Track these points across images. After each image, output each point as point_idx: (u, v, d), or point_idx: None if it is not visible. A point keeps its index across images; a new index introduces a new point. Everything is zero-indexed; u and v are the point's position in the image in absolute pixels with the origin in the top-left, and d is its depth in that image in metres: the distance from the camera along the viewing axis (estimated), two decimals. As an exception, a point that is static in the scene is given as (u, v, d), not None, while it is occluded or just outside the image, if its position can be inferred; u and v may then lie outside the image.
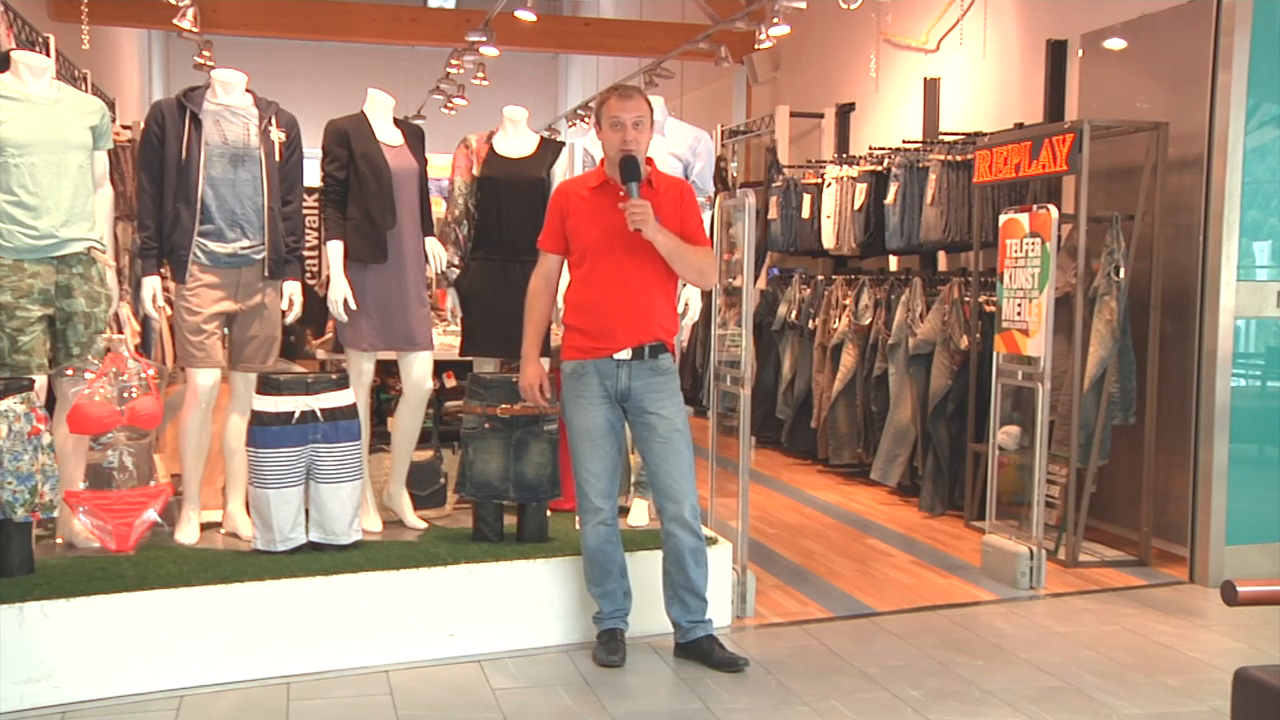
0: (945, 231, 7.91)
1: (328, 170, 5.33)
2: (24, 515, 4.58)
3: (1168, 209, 6.46)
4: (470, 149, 5.71)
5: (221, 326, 5.19)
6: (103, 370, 4.99)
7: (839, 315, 8.73)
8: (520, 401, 5.18)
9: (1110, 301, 6.38)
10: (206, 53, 13.28)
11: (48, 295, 4.91)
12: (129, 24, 15.20)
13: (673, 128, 5.65)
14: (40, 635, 4.31)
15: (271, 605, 4.62)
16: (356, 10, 17.04)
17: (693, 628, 4.81)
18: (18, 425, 4.57)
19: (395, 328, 5.36)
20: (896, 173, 8.43)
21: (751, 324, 5.55)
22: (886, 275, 8.64)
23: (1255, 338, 6.22)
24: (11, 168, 4.81)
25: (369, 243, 5.28)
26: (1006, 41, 8.71)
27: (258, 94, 5.29)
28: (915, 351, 7.76)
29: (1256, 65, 6.03)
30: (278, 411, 4.91)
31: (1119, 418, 6.50)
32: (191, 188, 5.05)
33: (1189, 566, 6.25)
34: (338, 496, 4.98)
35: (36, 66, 5.02)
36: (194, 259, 5.09)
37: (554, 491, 5.32)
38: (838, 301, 8.83)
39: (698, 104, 14.25)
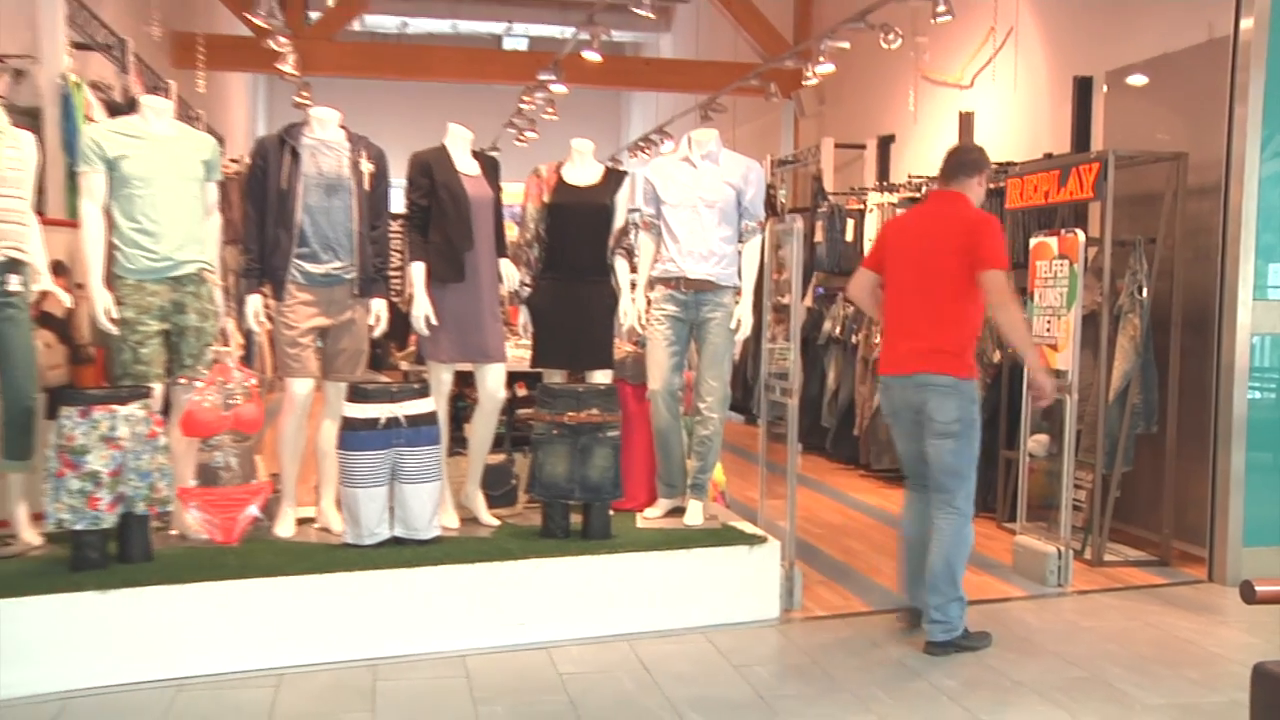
0: (979, 253, 7.89)
1: (412, 198, 5.37)
2: (144, 509, 4.67)
3: (1187, 233, 6.41)
4: (541, 178, 5.71)
5: (315, 340, 5.22)
6: (211, 379, 5.09)
7: (879, 331, 8.70)
8: (586, 409, 5.23)
9: (1134, 319, 6.33)
10: (305, 93, 13.44)
11: (165, 312, 5.00)
12: (238, 69, 15.47)
13: (727, 158, 5.62)
14: (157, 616, 4.39)
15: (359, 594, 4.67)
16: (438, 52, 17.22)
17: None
18: (139, 428, 4.65)
19: (472, 342, 5.38)
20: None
21: (799, 339, 5.55)
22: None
23: (1270, 353, 6.15)
24: (135, 198, 4.93)
25: (448, 264, 5.31)
26: (1036, 77, 8.67)
27: (350, 129, 5.34)
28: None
29: (1271, 99, 5.99)
30: (366, 418, 4.95)
31: (1141, 427, 6.44)
32: (290, 214, 5.10)
33: (1208, 566, 6.18)
34: (419, 495, 5.02)
35: (159, 109, 5.14)
36: (291, 279, 5.14)
37: (616, 492, 5.32)
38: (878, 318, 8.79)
39: (749, 136, 14.26)
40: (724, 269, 5.50)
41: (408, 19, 20.29)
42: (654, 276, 5.57)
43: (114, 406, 4.61)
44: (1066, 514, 6.04)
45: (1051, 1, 8.55)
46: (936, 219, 5.03)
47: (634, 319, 5.65)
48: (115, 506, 4.58)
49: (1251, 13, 5.98)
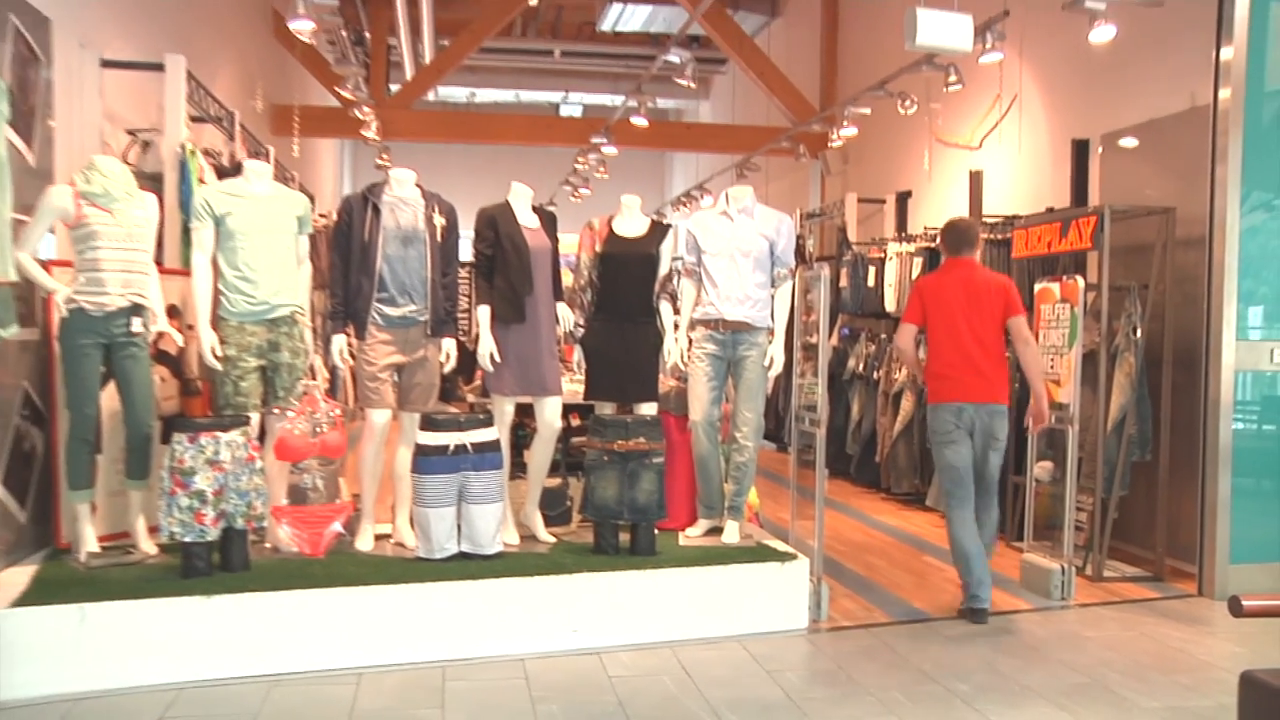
0: (989, 297, 7.86)
1: (478, 248, 5.39)
2: (242, 524, 4.73)
3: (1176, 280, 6.36)
4: (594, 230, 5.72)
5: (393, 375, 5.24)
6: (301, 410, 5.13)
7: (899, 368, 8.65)
8: (634, 438, 5.23)
9: (1129, 357, 6.28)
10: (385, 155, 13.61)
11: (261, 350, 5.07)
12: (328, 136, 15.68)
13: (761, 212, 5.63)
14: (254, 619, 4.43)
15: (430, 603, 4.68)
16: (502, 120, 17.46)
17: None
18: (238, 453, 4.72)
19: (531, 377, 5.37)
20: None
21: (826, 375, 5.53)
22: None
23: (1252, 388, 6.09)
24: (238, 250, 5.01)
25: (511, 307, 5.32)
26: (1038, 140, 8.62)
27: (424, 188, 5.37)
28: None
29: (1248, 160, 5.96)
30: (437, 445, 4.96)
31: (1137, 455, 6.37)
32: (371, 263, 5.14)
33: (1198, 582, 6.09)
34: (484, 515, 5.01)
35: (259, 172, 5.24)
36: (372, 320, 5.17)
37: (661, 513, 5.30)
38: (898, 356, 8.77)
39: (780, 192, 14.26)
40: (758, 312, 5.50)
41: (476, 90, 20.51)
42: (695, 318, 5.57)
43: (218, 433, 4.68)
44: (1069, 534, 5.98)
45: (1051, 72, 8.51)
46: (974, 282, 5.60)
47: (677, 357, 5.62)
48: (218, 522, 4.65)
49: (1229, 84, 5.98)
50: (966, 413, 5.47)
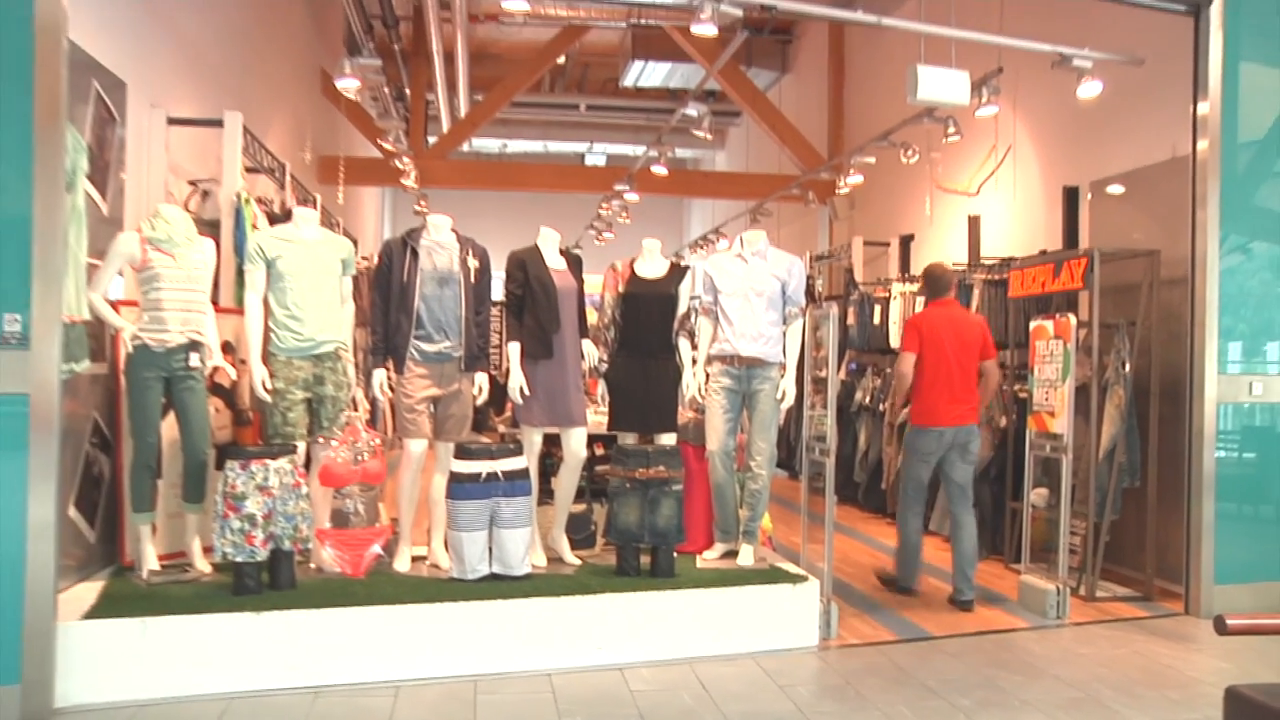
0: (988, 334, 7.84)
1: (509, 288, 5.41)
2: (289, 546, 4.75)
3: (1162, 317, 6.35)
4: (617, 271, 5.73)
5: (429, 407, 5.25)
6: (343, 439, 5.14)
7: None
8: (654, 467, 5.22)
9: (1119, 390, 6.26)
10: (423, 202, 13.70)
11: (308, 383, 5.09)
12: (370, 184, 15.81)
13: (773, 254, 5.65)
14: (300, 634, 4.45)
15: (463, 620, 4.68)
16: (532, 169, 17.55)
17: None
18: (286, 479, 4.75)
19: (558, 409, 5.37)
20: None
21: (835, 407, 5.51)
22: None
23: (1233, 419, 6.06)
24: (287, 290, 5.06)
25: (539, 343, 5.33)
26: (1031, 187, 8.63)
27: (459, 232, 5.41)
28: (965, 429, 7.67)
29: (1225, 206, 5.97)
30: (470, 472, 4.97)
31: (1127, 482, 6.33)
32: (410, 303, 5.16)
33: (1185, 601, 6.05)
34: (514, 538, 5.01)
35: (307, 218, 5.30)
36: (410, 356, 5.18)
37: (680, 537, 5.29)
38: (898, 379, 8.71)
39: (791, 236, 14.29)
40: (771, 348, 5.50)
41: (507, 141, 20.62)
42: (712, 354, 5.57)
43: (267, 461, 4.71)
44: (1064, 556, 5.94)
45: (1043, 124, 8.52)
46: (958, 321, 6.20)
47: (695, 390, 5.61)
48: (267, 543, 4.67)
49: (1206, 136, 6.00)
50: (947, 435, 6.05)
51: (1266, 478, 6.15)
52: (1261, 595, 5.94)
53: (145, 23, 6.09)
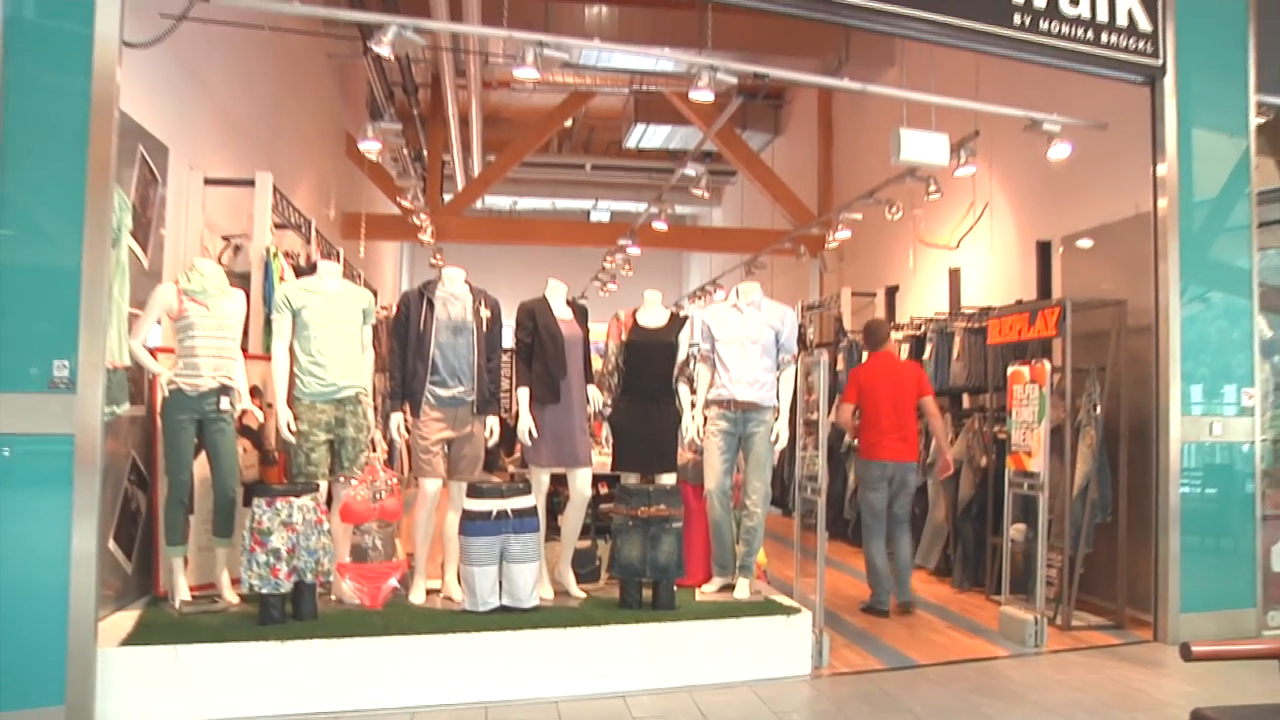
0: (968, 379, 7.85)
1: (519, 337, 5.44)
2: (311, 579, 4.77)
3: (1129, 362, 6.40)
4: (620, 321, 5.76)
5: (443, 448, 5.26)
6: (363, 478, 5.17)
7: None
8: (656, 505, 5.23)
9: (1090, 431, 6.29)
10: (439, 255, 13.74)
11: (330, 425, 5.13)
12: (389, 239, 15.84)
13: (767, 305, 5.70)
14: (321, 662, 4.46)
15: (475, 650, 4.68)
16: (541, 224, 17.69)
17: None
18: (309, 516, 4.78)
19: (565, 450, 5.38)
20: (931, 336, 8.41)
21: (825, 448, 5.54)
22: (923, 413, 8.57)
23: (1196, 457, 6.10)
24: (312, 338, 5.11)
25: (547, 389, 5.35)
26: (1007, 241, 8.71)
27: (472, 284, 5.45)
28: (947, 468, 7.72)
29: (1185, 259, 6.06)
30: (481, 510, 4.98)
31: (1099, 517, 6.34)
32: (426, 350, 5.19)
33: (1154, 629, 6.05)
34: (523, 572, 5.01)
35: (331, 270, 5.36)
36: (426, 400, 5.20)
37: (680, 571, 5.28)
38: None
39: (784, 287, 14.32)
40: (766, 393, 5.52)
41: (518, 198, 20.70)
42: (710, 399, 5.59)
43: (291, 498, 4.74)
44: (1041, 588, 5.95)
45: (1017, 183, 8.62)
46: (895, 368, 6.82)
47: (694, 433, 5.62)
48: (291, 576, 4.69)
49: (1165, 194, 6.11)
50: (889, 468, 6.56)
51: (1227, 512, 6.17)
52: (1224, 622, 5.96)
53: (187, 90, 6.23)
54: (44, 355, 4.06)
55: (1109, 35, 6.05)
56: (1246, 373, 6.20)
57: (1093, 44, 6.02)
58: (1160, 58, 6.14)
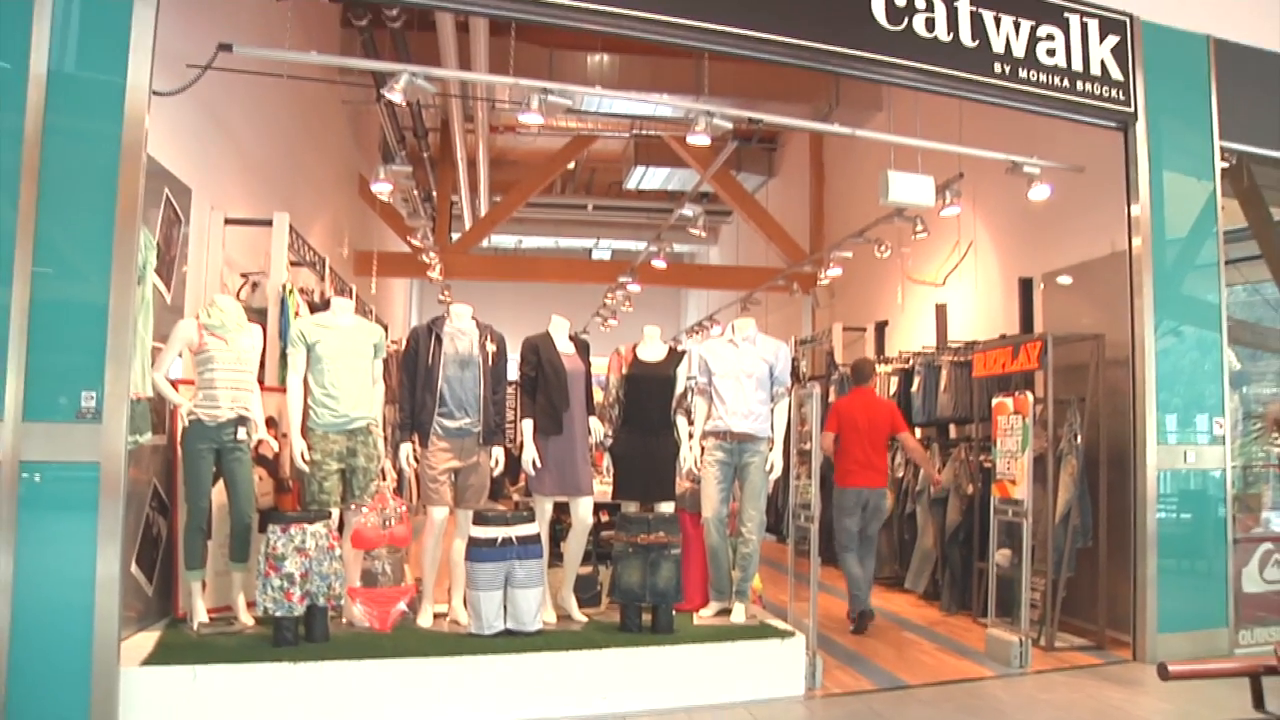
0: (955, 410, 7.88)
1: (523, 370, 5.47)
2: (323, 602, 4.78)
3: (1108, 393, 6.43)
4: (621, 355, 5.79)
5: (450, 477, 5.27)
6: (373, 506, 5.20)
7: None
8: (655, 532, 5.24)
9: (1072, 459, 6.32)
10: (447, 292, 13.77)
11: (341, 455, 5.15)
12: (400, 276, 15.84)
13: (761, 340, 5.73)
14: (332, 683, 4.47)
15: (481, 672, 4.67)
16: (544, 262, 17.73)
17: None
18: (321, 542, 4.80)
19: (568, 479, 5.39)
20: (919, 369, 8.44)
21: (818, 477, 5.54)
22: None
23: (1172, 484, 6.14)
24: (325, 371, 5.14)
25: (550, 420, 5.37)
26: (991, 278, 8.75)
27: (479, 320, 5.48)
28: (935, 496, 7.67)
29: (1158, 295, 6.12)
30: (487, 537, 4.99)
31: (1081, 542, 6.35)
32: (434, 383, 5.22)
33: (1133, 649, 6.06)
34: (527, 597, 5.01)
35: (344, 306, 5.41)
36: (434, 431, 5.22)
37: (678, 596, 5.28)
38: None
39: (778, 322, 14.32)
40: (760, 424, 5.54)
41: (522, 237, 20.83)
42: (707, 430, 5.60)
43: (304, 525, 4.77)
44: (1025, 611, 5.95)
45: (1000, 222, 8.68)
46: (871, 405, 7.05)
47: (691, 463, 5.63)
48: (304, 600, 4.70)
49: (1139, 233, 6.18)
50: (863, 495, 6.81)
51: (1201, 536, 6.19)
52: (1199, 642, 5.98)
53: (210, 135, 6.32)
54: (72, 387, 4.13)
55: (1084, 83, 6.16)
56: (1217, 403, 6.25)
57: (1069, 91, 6.13)
58: (1132, 105, 6.25)
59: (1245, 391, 6.86)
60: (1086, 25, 6.19)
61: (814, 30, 5.45)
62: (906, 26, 5.67)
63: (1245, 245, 6.91)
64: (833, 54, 5.54)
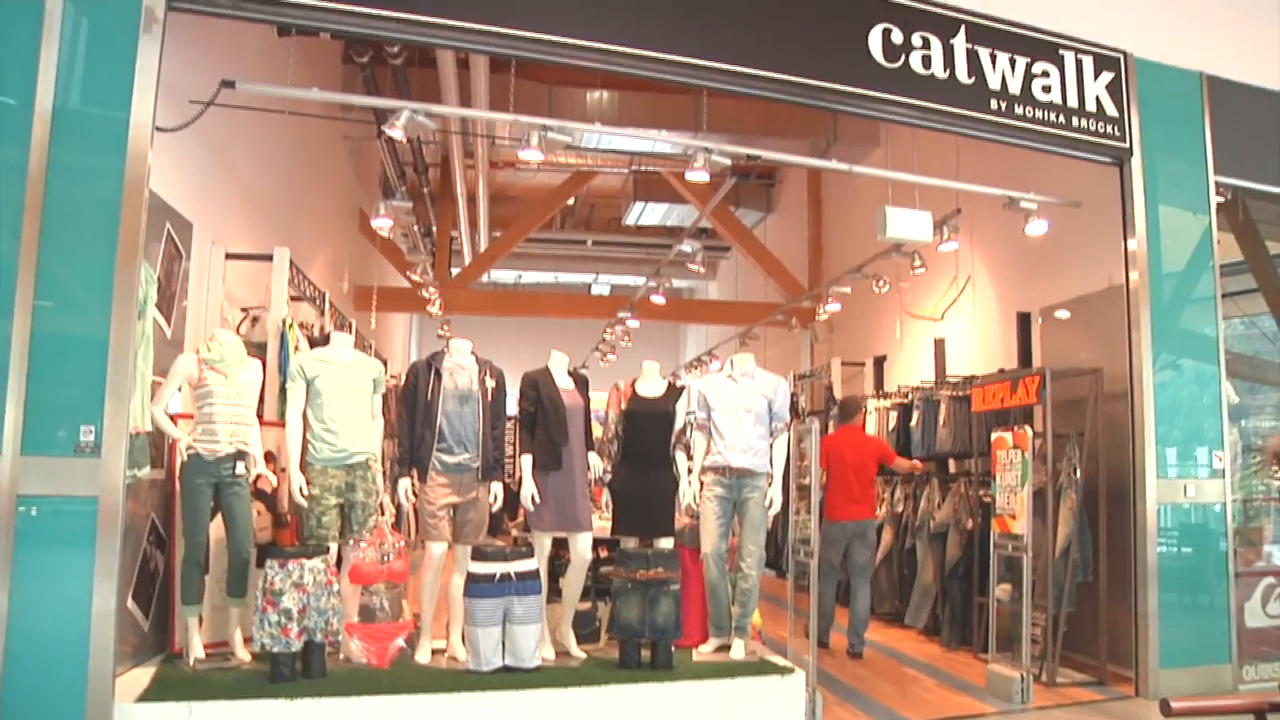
0: (954, 444, 7.88)
1: (522, 406, 5.46)
2: (321, 638, 4.75)
3: (1106, 427, 6.44)
4: (620, 390, 5.77)
5: (449, 512, 5.24)
6: (371, 541, 5.18)
7: (880, 505, 8.58)
8: (654, 568, 5.22)
9: (1071, 494, 6.32)
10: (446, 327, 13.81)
11: (340, 490, 5.13)
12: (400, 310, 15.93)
13: (760, 375, 5.73)
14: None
15: (479, 709, 4.62)
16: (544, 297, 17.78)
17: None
18: (319, 577, 4.78)
19: (566, 515, 5.37)
20: (917, 404, 8.46)
21: (817, 513, 5.53)
22: (913, 476, 8.50)
23: (1172, 518, 6.13)
24: (324, 406, 5.14)
25: (549, 456, 5.36)
26: (989, 313, 8.79)
27: (478, 355, 5.48)
28: (935, 531, 7.67)
29: (1156, 328, 6.15)
30: (485, 573, 4.97)
31: (1081, 576, 6.34)
32: (433, 418, 5.21)
33: (1135, 684, 6.02)
34: (525, 633, 4.97)
35: (343, 341, 5.42)
36: (433, 466, 5.20)
37: (677, 633, 5.24)
38: (878, 495, 8.71)
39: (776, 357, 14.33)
40: (759, 460, 5.53)
41: (522, 273, 20.89)
42: (706, 465, 5.59)
43: (302, 560, 4.74)
44: (1027, 646, 5.91)
45: (997, 257, 8.73)
46: (857, 441, 7.49)
47: (690, 498, 5.62)
48: (301, 635, 4.67)
49: (1136, 268, 6.22)
50: (849, 528, 7.19)
51: (1202, 571, 6.18)
52: (1201, 678, 5.94)
53: (212, 170, 6.38)
54: (72, 420, 4.13)
55: (1079, 119, 6.23)
56: (1216, 436, 6.26)
57: (1064, 127, 6.19)
58: (1127, 141, 6.32)
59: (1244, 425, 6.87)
60: (1081, 62, 6.27)
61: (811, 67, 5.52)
62: (903, 64, 5.74)
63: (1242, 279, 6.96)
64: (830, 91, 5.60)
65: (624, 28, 5.13)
